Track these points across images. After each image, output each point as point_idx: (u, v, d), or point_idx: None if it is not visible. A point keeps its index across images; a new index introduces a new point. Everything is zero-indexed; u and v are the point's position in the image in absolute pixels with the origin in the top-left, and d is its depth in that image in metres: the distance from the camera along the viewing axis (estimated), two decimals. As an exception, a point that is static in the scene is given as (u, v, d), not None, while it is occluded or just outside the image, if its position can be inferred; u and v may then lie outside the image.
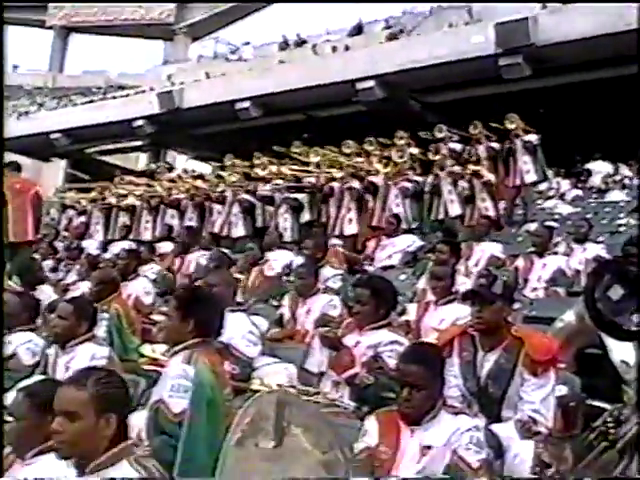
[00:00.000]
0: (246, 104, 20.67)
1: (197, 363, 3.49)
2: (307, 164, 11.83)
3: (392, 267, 8.71)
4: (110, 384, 2.54)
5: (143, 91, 25.56)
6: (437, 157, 11.05)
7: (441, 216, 10.46)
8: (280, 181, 11.61)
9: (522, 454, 3.45)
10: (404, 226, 9.86)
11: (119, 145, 26.37)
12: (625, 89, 15.90)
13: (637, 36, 14.87)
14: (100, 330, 5.21)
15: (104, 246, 12.05)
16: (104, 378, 2.55)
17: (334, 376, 4.41)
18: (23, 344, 5.06)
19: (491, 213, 9.88)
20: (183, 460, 3.19)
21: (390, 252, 9.09)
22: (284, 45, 27.10)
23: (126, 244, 10.74)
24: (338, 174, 11.05)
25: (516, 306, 5.58)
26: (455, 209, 10.34)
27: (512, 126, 11.04)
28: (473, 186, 10.22)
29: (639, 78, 15.48)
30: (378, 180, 10.75)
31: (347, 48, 22.18)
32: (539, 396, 3.67)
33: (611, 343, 4.52)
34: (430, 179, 10.81)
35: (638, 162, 14.84)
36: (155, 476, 2.52)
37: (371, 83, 18.61)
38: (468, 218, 10.10)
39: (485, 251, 8.16)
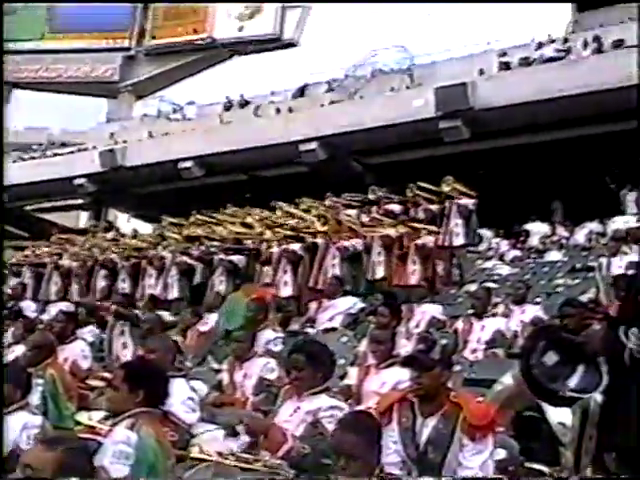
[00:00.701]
0: (189, 164, 20.73)
1: (140, 430, 3.43)
2: (245, 226, 11.91)
3: (334, 329, 8.69)
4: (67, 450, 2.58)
5: (85, 149, 25.40)
6: (368, 220, 11.16)
7: (369, 277, 10.52)
8: (217, 243, 11.62)
9: (462, 521, 3.45)
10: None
11: (60, 203, 26.05)
12: (561, 152, 16.45)
13: (567, 103, 15.51)
14: (34, 397, 5.06)
15: (43, 307, 11.80)
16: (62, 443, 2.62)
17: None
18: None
19: (416, 276, 9.96)
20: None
21: (331, 314, 9.09)
22: (228, 105, 27.29)
23: (64, 305, 10.54)
24: (275, 236, 11.10)
25: (456, 368, 5.62)
26: (380, 271, 10.44)
27: (447, 188, 11.23)
28: (406, 248, 10.33)
29: (573, 141, 16.06)
30: (316, 240, 10.81)
31: (290, 110, 22.46)
32: (478, 461, 3.68)
33: (548, 406, 4.58)
34: (363, 240, 10.87)
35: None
36: None
37: (313, 145, 18.88)
38: (397, 279, 10.17)
39: (426, 313, 8.24)
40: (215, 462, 2.39)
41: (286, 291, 10.28)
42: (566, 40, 19.78)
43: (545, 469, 4.30)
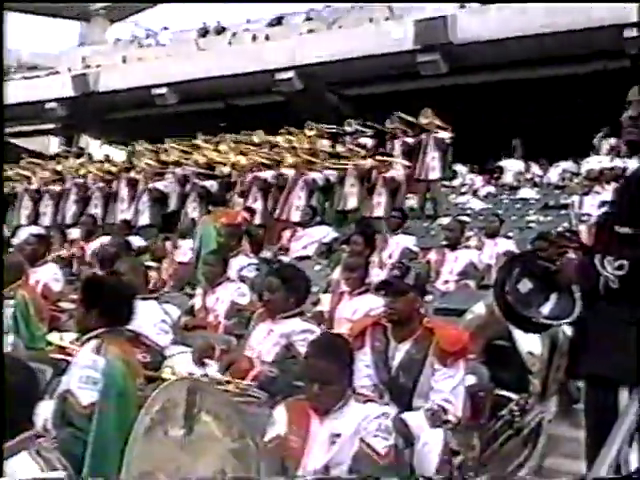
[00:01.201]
0: (163, 90, 20.42)
1: (107, 353, 3.39)
2: (218, 152, 11.80)
3: (307, 258, 8.72)
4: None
5: (57, 72, 24.84)
6: (343, 150, 11.11)
7: (340, 207, 10.55)
8: (191, 168, 11.52)
9: (431, 442, 3.50)
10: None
11: (29, 128, 25.56)
12: (538, 89, 16.37)
13: (549, 39, 15.40)
14: (5, 318, 5.02)
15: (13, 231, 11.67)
16: None
17: None
18: None
19: (381, 209, 10.00)
20: (93, 453, 3.10)
21: (305, 243, 9.11)
22: (203, 32, 26.74)
23: (34, 229, 10.42)
24: (246, 162, 11.03)
25: (428, 298, 5.65)
26: (352, 202, 10.49)
27: (425, 121, 11.17)
28: (374, 180, 10.33)
29: (551, 80, 15.98)
30: (286, 171, 10.77)
31: (267, 38, 22.08)
32: (449, 386, 3.73)
33: (518, 335, 4.65)
34: (337, 172, 10.84)
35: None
36: (58, 469, 2.39)
37: (290, 74, 18.65)
38: (366, 210, 10.21)
39: (399, 244, 8.26)
40: (189, 378, 2.39)
41: (255, 218, 10.26)
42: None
43: (514, 396, 4.38)
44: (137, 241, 9.03)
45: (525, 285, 3.42)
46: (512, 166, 15.99)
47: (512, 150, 16.21)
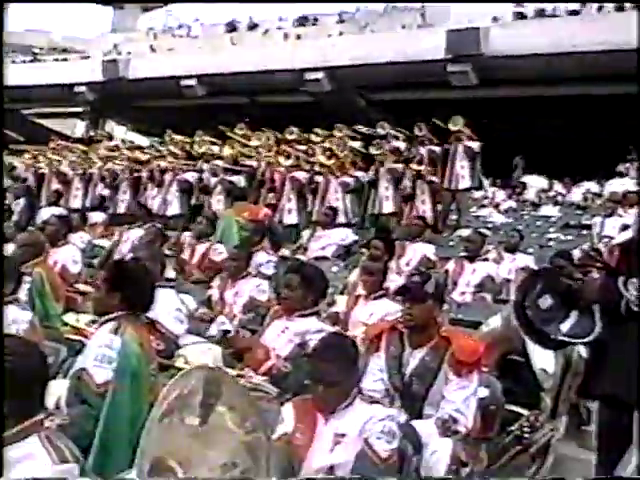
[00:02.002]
0: (192, 82, 20.50)
1: (124, 334, 3.42)
2: (248, 147, 11.80)
3: (325, 259, 8.71)
4: (7, 356, 2.31)
5: (87, 57, 25.01)
6: (378, 153, 11.04)
7: (376, 211, 10.50)
8: (219, 162, 11.52)
9: (440, 451, 3.48)
10: (342, 220, 9.88)
11: (57, 109, 25.73)
12: (566, 107, 16.31)
13: (581, 57, 15.33)
14: (22, 293, 5.05)
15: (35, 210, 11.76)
16: (5, 348, 2.34)
17: None
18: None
19: (428, 215, 9.96)
20: (104, 431, 3.13)
21: (324, 244, 9.10)
22: (234, 27, 26.84)
23: (56, 210, 10.49)
24: (284, 162, 11.00)
25: (444, 308, 5.64)
26: (388, 206, 10.41)
27: (455, 128, 11.09)
28: (415, 186, 10.29)
29: (581, 99, 15.92)
30: (320, 175, 10.74)
31: (299, 37, 22.13)
32: (461, 396, 3.71)
33: (533, 351, 4.63)
34: (370, 174, 10.81)
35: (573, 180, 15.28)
36: (68, 460, 2.37)
37: (320, 74, 18.67)
38: (406, 217, 10.18)
39: (417, 251, 8.23)
40: (207, 368, 2.40)
41: (290, 219, 10.29)
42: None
43: (524, 412, 4.36)
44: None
45: (546, 301, 3.42)
46: (535, 183, 15.95)
47: (513, 168, 16.17)
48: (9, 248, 7.16)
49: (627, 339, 3.14)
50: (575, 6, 18.57)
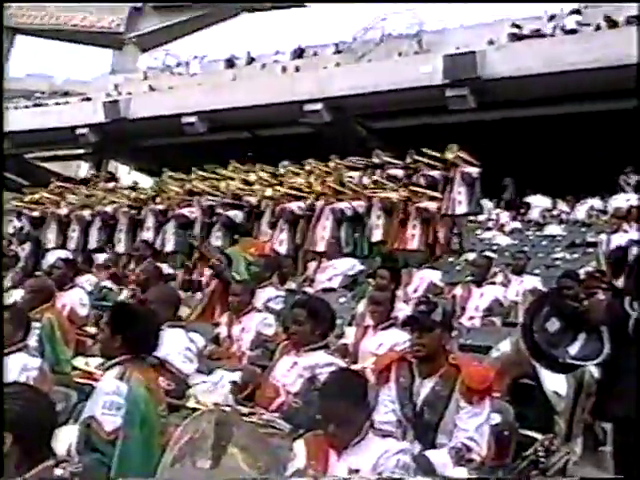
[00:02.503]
0: (192, 119, 20.61)
1: (130, 379, 3.42)
2: (247, 182, 11.89)
3: (332, 290, 8.70)
4: (16, 403, 2.36)
5: (88, 99, 25.21)
6: (369, 182, 11.10)
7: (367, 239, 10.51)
8: (217, 198, 11.60)
9: (455, 481, 3.46)
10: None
11: (60, 152, 25.91)
12: (565, 126, 16.36)
13: (577, 76, 15.39)
14: (32, 340, 5.06)
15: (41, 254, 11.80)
16: (14, 395, 2.40)
17: None
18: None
19: (416, 241, 9.95)
20: (116, 477, 3.12)
21: (330, 275, 9.10)
22: (232, 63, 27.06)
23: (62, 253, 10.53)
24: (273, 194, 11.08)
25: (453, 334, 5.62)
26: (377, 235, 10.43)
27: (451, 156, 11.15)
28: (408, 213, 10.30)
29: (580, 117, 15.96)
30: (314, 202, 10.78)
31: (297, 69, 22.29)
32: (474, 424, 3.69)
33: (544, 374, 4.60)
34: (364, 203, 10.82)
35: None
36: None
37: (319, 106, 18.76)
38: (398, 243, 10.15)
39: (424, 278, 8.24)
40: (218, 410, 2.40)
41: (281, 249, 10.28)
42: (578, 12, 19.58)
43: (539, 436, 4.32)
44: (164, 268, 9.07)
45: (553, 325, 3.41)
46: (539, 202, 15.95)
47: (502, 189, 16.16)
48: (17, 294, 7.22)
49: (636, 359, 3.13)
50: (571, 24, 18.66)
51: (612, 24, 17.46)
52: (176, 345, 4.73)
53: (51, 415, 2.52)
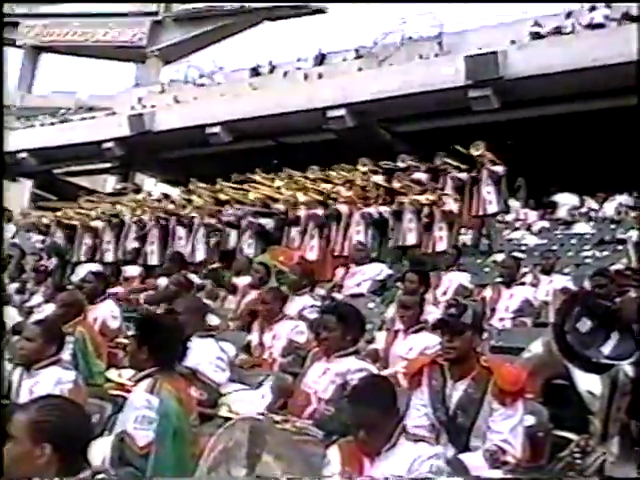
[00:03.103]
0: (216, 129, 20.73)
1: (161, 392, 3.44)
2: (274, 189, 11.93)
3: (361, 295, 8.69)
4: (52, 413, 2.43)
5: (113, 113, 25.45)
6: (399, 186, 11.06)
7: (400, 243, 10.47)
8: (246, 206, 11.64)
9: (490, 484, 3.45)
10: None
11: (87, 167, 26.19)
12: (591, 123, 16.22)
13: (600, 72, 15.26)
14: (65, 353, 5.12)
15: (72, 268, 11.92)
16: (50, 406, 2.47)
17: None
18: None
19: (444, 243, 9.91)
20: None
21: (359, 280, 9.07)
22: (254, 72, 27.18)
23: (92, 267, 10.64)
24: (302, 199, 11.09)
25: (484, 336, 5.60)
26: (411, 238, 10.37)
27: (477, 153, 11.07)
28: (433, 215, 10.27)
29: (605, 113, 15.82)
30: (342, 207, 10.76)
31: (320, 76, 22.33)
32: (508, 426, 3.67)
33: (578, 374, 4.56)
34: (393, 207, 10.79)
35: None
36: None
37: (342, 111, 18.78)
38: (425, 246, 10.15)
39: (453, 281, 8.21)
40: (251, 418, 2.41)
41: (311, 255, 10.25)
42: (593, 8, 19.40)
43: (574, 437, 4.28)
44: (194, 278, 9.12)
45: (585, 324, 3.38)
46: (566, 200, 15.83)
47: (515, 190, 16.02)
48: (49, 308, 7.30)
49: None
50: (599, 18, 18.44)
51: (633, 19, 17.26)
52: (207, 354, 4.75)
53: (87, 426, 2.57)
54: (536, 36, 19.10)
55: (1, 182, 7.57)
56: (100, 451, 3.58)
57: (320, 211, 10.67)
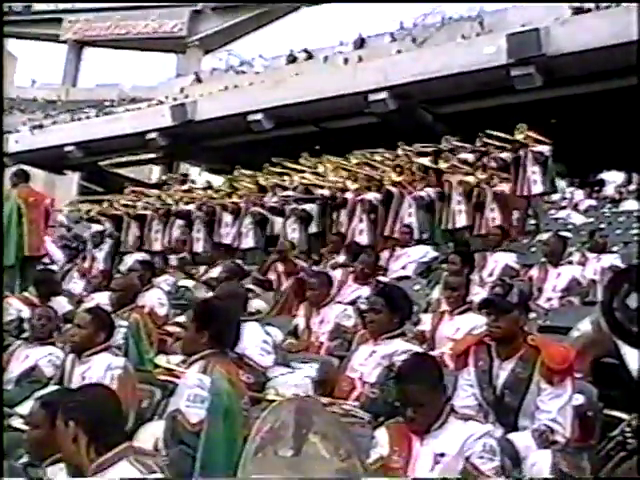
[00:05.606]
0: (259, 116, 20.81)
1: (213, 373, 3.50)
2: (317, 175, 11.91)
3: (406, 278, 8.65)
4: (80, 395, 2.83)
5: (156, 104, 25.71)
6: (447, 167, 10.93)
7: (450, 226, 10.38)
8: (290, 192, 11.65)
9: (540, 463, 3.42)
10: (415, 236, 9.77)
11: (132, 158, 26.52)
12: (635, 98, 15.87)
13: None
14: (117, 338, 5.21)
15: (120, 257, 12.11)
16: (80, 393, 2.88)
17: None
18: (44, 357, 5.13)
19: (498, 223, 9.79)
20: (201, 469, 3.19)
21: (404, 263, 9.03)
22: (291, 58, 27.20)
23: (139, 256, 10.77)
24: (352, 185, 11.04)
25: (531, 316, 5.54)
26: (462, 220, 10.26)
27: (521, 136, 10.92)
28: (484, 196, 10.17)
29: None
30: (393, 190, 10.69)
31: (360, 59, 22.26)
32: (556, 405, 3.64)
33: (627, 352, 4.49)
34: (440, 189, 10.70)
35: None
36: (155, 472, 2.61)
37: (383, 94, 18.70)
38: (477, 228, 10.06)
39: (499, 261, 8.12)
40: (297, 399, 2.44)
41: (362, 239, 10.23)
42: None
43: (625, 416, 4.23)
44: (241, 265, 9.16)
45: (634, 300, 3.34)
46: (613, 178, 15.58)
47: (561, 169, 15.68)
48: (99, 297, 7.42)
49: None
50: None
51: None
52: (253, 338, 4.79)
53: (113, 405, 2.81)
54: (578, 11, 18.77)
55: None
56: (150, 434, 3.66)
57: (368, 196, 10.62)
